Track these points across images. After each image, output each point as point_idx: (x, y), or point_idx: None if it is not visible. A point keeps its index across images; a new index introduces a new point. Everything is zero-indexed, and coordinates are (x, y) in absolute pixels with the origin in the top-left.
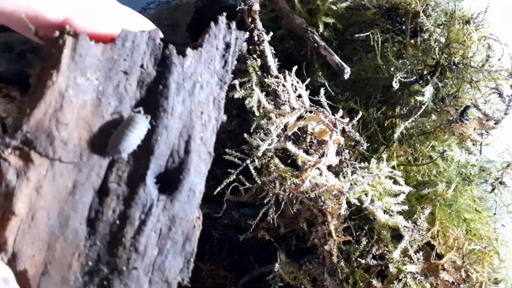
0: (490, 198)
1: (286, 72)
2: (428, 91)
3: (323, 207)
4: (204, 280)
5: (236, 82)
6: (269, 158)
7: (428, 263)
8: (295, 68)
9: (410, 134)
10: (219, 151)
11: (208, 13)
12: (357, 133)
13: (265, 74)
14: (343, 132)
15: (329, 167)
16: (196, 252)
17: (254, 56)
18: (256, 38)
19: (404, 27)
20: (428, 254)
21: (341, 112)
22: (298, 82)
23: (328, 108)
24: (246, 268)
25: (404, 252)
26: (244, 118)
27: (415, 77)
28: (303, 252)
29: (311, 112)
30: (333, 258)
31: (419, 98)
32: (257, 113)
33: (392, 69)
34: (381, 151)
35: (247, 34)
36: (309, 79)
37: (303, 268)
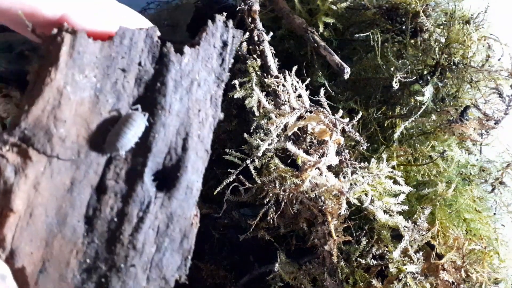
0: (490, 198)
1: (286, 72)
2: (428, 91)
3: (323, 207)
4: (204, 280)
5: (236, 82)
6: (269, 158)
7: (428, 263)
8: (295, 68)
9: (410, 134)
10: (219, 151)
11: (208, 13)
12: (357, 133)
13: (265, 74)
14: (343, 132)
15: (329, 167)
16: (196, 252)
17: (254, 56)
18: (256, 38)
19: (404, 27)
20: (428, 254)
21: (341, 112)
22: (298, 82)
23: (328, 108)
24: (246, 268)
25: (404, 252)
26: (244, 118)
27: (415, 77)
28: (303, 252)
29: (311, 112)
30: (333, 258)
31: (419, 98)
32: (257, 113)
33: (392, 69)
34: (381, 151)
35: (247, 34)
36: (309, 79)
37: (303, 268)
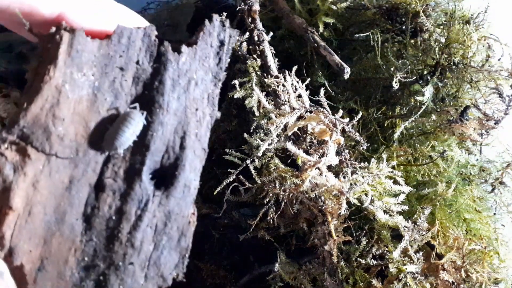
0: (490, 198)
1: (286, 72)
2: (428, 91)
3: (323, 207)
4: (204, 280)
5: (236, 82)
6: (269, 158)
7: (428, 263)
8: (295, 68)
9: (410, 134)
10: (219, 151)
11: (208, 13)
12: (357, 133)
13: (265, 74)
14: (343, 132)
15: (329, 167)
16: (196, 252)
17: (254, 56)
18: (256, 38)
19: (404, 27)
20: (428, 254)
21: (341, 112)
22: (298, 82)
23: (328, 108)
24: (246, 268)
25: (404, 252)
26: (244, 118)
27: (415, 77)
28: (303, 252)
29: (311, 112)
30: (333, 258)
31: (419, 98)
32: (257, 113)
33: (392, 69)
34: (381, 151)
35: (247, 34)
36: (309, 79)
37: (303, 268)
